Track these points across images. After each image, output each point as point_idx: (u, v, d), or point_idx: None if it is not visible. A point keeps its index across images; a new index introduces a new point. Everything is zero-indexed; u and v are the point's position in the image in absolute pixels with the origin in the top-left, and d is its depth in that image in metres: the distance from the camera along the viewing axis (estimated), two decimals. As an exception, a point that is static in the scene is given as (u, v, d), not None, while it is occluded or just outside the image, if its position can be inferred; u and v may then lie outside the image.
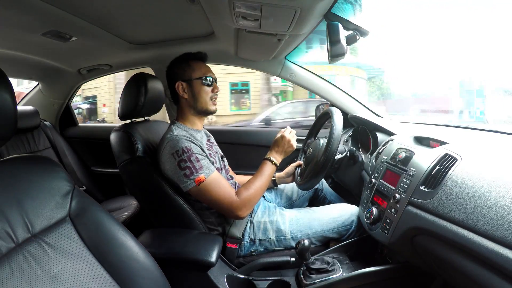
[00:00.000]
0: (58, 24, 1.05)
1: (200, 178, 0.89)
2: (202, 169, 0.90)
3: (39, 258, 0.50)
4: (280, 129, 1.11)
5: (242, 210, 0.93)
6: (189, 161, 0.90)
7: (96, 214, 0.61)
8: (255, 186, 0.97)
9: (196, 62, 1.05)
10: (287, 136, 1.06)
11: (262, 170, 1.02)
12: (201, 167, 0.90)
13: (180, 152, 0.90)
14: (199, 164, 0.90)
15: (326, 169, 1.01)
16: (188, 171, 0.89)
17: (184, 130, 1.00)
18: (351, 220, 1.04)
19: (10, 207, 0.50)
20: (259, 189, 0.97)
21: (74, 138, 1.95)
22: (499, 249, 0.50)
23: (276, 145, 1.06)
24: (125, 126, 1.05)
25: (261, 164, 1.03)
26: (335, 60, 0.93)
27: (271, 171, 1.03)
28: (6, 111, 0.52)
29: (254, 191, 0.96)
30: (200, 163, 0.91)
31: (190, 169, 0.89)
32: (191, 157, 0.90)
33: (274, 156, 1.04)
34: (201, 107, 1.03)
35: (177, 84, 1.02)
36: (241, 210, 0.93)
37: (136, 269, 0.60)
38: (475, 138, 0.98)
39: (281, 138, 1.06)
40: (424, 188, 0.73)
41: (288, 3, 0.78)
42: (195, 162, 0.90)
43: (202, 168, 0.90)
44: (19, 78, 1.95)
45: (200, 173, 0.89)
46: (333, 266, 0.91)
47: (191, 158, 0.90)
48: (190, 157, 0.90)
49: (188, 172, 0.89)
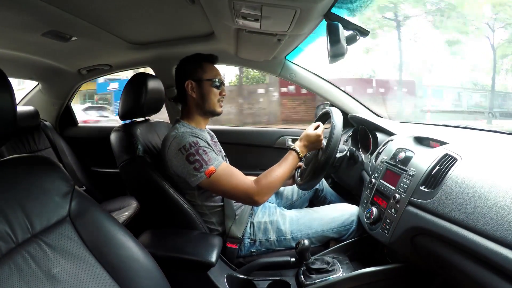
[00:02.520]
0: (58, 24, 1.05)
1: (210, 170, 0.89)
2: (211, 160, 0.90)
3: (38, 259, 0.50)
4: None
5: (260, 195, 0.91)
6: (197, 154, 0.90)
7: (96, 215, 0.61)
8: (276, 173, 0.96)
9: (208, 63, 1.05)
10: (320, 133, 1.06)
11: (286, 159, 1.01)
12: (210, 159, 0.90)
13: (188, 146, 0.90)
14: (207, 156, 0.91)
15: (326, 169, 1.01)
16: (197, 164, 0.89)
17: (189, 128, 1.00)
18: (351, 220, 1.04)
19: (10, 207, 0.50)
20: (280, 177, 0.96)
21: (74, 138, 1.95)
22: (499, 249, 0.50)
23: (306, 139, 1.05)
24: (125, 126, 1.05)
25: (286, 154, 1.03)
26: (335, 60, 0.93)
27: (295, 163, 1.02)
28: (6, 111, 0.52)
29: (274, 179, 0.95)
30: (208, 156, 0.91)
31: (199, 162, 0.89)
32: (199, 150, 0.90)
33: (301, 148, 1.03)
34: (208, 108, 1.04)
35: (187, 82, 1.02)
36: (259, 195, 0.91)
37: (136, 269, 0.60)
38: (475, 138, 0.97)
39: (315, 134, 1.05)
40: (424, 188, 0.73)
41: (288, 3, 0.78)
42: (203, 154, 0.90)
43: (211, 160, 0.91)
44: (19, 78, 1.95)
45: (210, 165, 0.90)
46: (333, 266, 0.91)
47: (199, 151, 0.90)
48: (198, 150, 0.90)
49: (197, 165, 0.89)
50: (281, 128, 1.10)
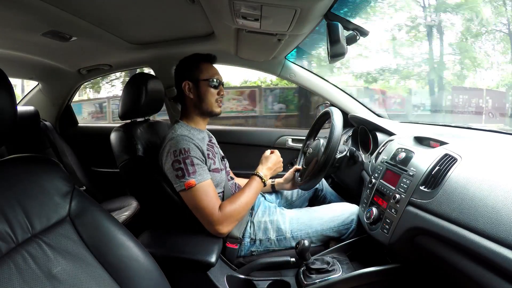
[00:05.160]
0: (58, 24, 1.05)
1: (189, 183, 0.88)
2: (195, 174, 0.89)
3: (38, 258, 0.50)
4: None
5: (223, 225, 0.89)
6: (184, 163, 0.89)
7: (96, 214, 0.61)
8: (240, 201, 0.93)
9: (205, 63, 1.04)
10: (277, 155, 1.07)
11: (250, 185, 0.99)
12: (194, 172, 0.89)
13: (178, 152, 0.90)
14: (193, 168, 0.89)
15: (327, 169, 1.01)
16: (180, 173, 0.89)
17: (187, 129, 0.99)
18: (351, 219, 1.04)
19: (10, 207, 0.50)
20: (245, 204, 0.94)
21: (74, 138, 1.95)
22: (499, 249, 0.50)
23: (267, 162, 1.06)
24: (125, 126, 1.05)
25: (249, 180, 1.01)
26: (335, 60, 0.93)
27: (259, 188, 1.00)
28: (6, 111, 0.52)
29: (239, 207, 0.92)
30: (194, 168, 0.89)
31: (182, 171, 0.88)
32: (186, 159, 0.89)
33: (264, 172, 1.03)
34: (206, 108, 1.03)
35: (184, 83, 1.02)
36: (221, 224, 0.89)
37: (136, 269, 0.60)
38: (475, 138, 0.98)
39: (275, 156, 1.07)
40: (424, 188, 0.73)
41: (288, 3, 0.78)
42: (189, 165, 0.89)
43: (195, 174, 0.89)
44: (19, 78, 1.95)
45: (192, 178, 0.88)
46: (333, 266, 0.91)
47: (186, 160, 0.89)
48: (185, 159, 0.89)
49: (180, 173, 0.89)
50: (281, 128, 1.10)
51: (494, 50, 2.48)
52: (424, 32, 3.21)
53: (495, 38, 2.40)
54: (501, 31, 2.28)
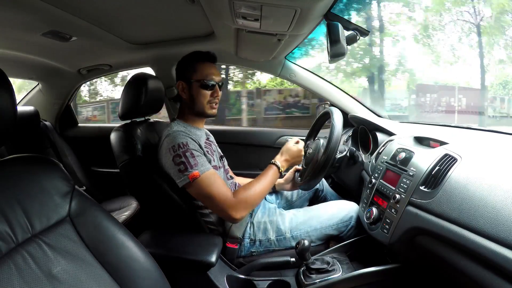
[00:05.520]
0: (58, 24, 1.05)
1: (194, 174, 0.87)
2: (197, 165, 0.89)
3: (38, 259, 0.50)
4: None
5: (237, 210, 0.88)
6: (184, 156, 0.89)
7: (96, 214, 0.61)
8: (255, 188, 0.93)
9: (201, 63, 1.02)
10: (301, 148, 1.05)
11: (266, 173, 0.98)
12: (196, 164, 0.89)
13: (176, 147, 0.89)
14: (194, 160, 0.89)
15: (327, 168, 1.00)
16: (182, 167, 0.88)
17: (183, 126, 0.99)
18: (349, 216, 1.04)
19: (10, 207, 0.50)
20: (259, 192, 0.94)
21: (74, 138, 1.95)
22: (499, 249, 0.50)
23: (287, 153, 1.04)
24: (125, 126, 1.05)
25: (266, 168, 1.01)
26: (335, 60, 0.93)
27: (275, 177, 1.00)
28: (6, 111, 0.52)
29: (253, 193, 0.92)
30: (195, 160, 0.89)
31: (184, 165, 0.88)
32: (186, 152, 0.89)
33: (282, 163, 1.02)
34: (197, 109, 1.03)
35: (178, 83, 1.02)
36: (235, 209, 0.88)
37: (136, 269, 0.60)
38: (475, 138, 0.98)
39: (297, 149, 1.04)
40: (424, 188, 0.73)
41: (288, 3, 0.78)
42: (190, 158, 0.89)
43: (197, 165, 0.89)
44: (19, 78, 1.95)
45: (195, 169, 0.88)
46: (333, 266, 0.91)
47: (186, 153, 0.89)
48: (185, 152, 0.89)
49: (182, 167, 0.88)
50: (281, 128, 1.10)
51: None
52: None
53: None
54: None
